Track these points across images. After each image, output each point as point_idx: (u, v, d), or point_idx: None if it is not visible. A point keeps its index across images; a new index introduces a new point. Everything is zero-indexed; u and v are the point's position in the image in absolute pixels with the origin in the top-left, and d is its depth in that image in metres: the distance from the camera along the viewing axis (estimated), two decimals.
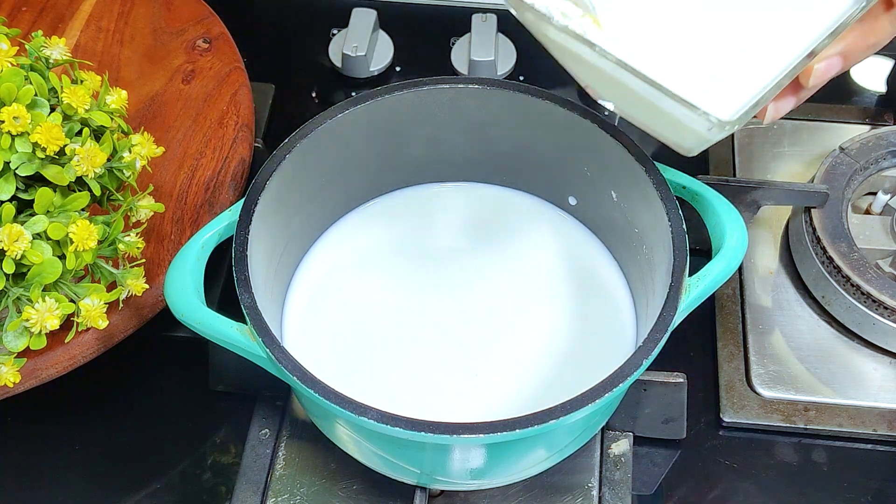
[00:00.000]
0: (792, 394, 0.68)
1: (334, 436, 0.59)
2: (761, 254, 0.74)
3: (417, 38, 0.87)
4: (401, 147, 0.66)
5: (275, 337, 0.53)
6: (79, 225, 0.54)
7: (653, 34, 0.49)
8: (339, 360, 0.62)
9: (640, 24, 0.49)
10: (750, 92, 0.47)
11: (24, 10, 0.80)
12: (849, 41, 0.49)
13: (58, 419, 0.67)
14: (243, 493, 0.62)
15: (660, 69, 0.47)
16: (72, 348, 0.61)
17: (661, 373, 0.62)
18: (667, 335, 0.53)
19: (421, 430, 0.50)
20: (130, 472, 0.65)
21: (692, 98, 0.46)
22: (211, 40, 0.78)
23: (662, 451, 0.66)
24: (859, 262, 0.68)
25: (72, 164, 0.55)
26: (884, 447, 0.66)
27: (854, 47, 0.50)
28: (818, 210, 0.70)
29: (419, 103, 0.63)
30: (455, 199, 0.69)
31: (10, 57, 0.56)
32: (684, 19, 0.50)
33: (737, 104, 0.47)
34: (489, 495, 0.62)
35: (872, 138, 0.74)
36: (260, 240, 0.58)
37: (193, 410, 0.68)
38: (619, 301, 0.64)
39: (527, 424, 0.50)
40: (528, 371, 0.61)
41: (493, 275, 0.65)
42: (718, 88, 0.47)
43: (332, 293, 0.65)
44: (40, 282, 0.55)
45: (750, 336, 0.70)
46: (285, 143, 0.60)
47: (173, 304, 0.55)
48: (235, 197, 0.69)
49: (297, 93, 0.84)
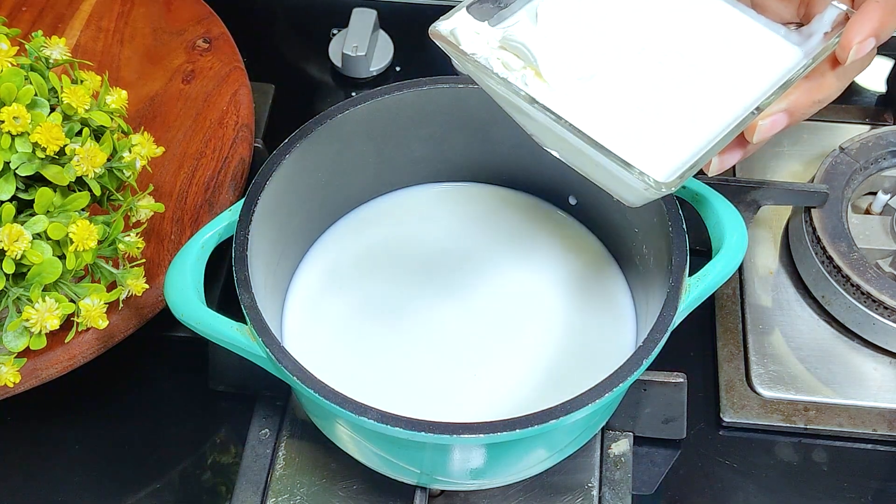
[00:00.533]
0: (792, 394, 0.68)
1: (334, 436, 0.59)
2: (761, 254, 0.74)
3: (417, 38, 0.86)
4: (401, 147, 0.66)
5: (275, 337, 0.53)
6: (79, 225, 0.54)
7: (594, 89, 0.49)
8: (339, 360, 0.62)
9: (582, 79, 0.49)
10: (688, 152, 0.47)
11: (24, 10, 0.80)
12: (794, 98, 0.49)
13: (58, 419, 0.67)
14: (243, 493, 0.62)
15: (599, 126, 0.47)
16: (72, 348, 0.61)
17: (661, 373, 0.62)
18: (667, 335, 0.53)
19: (421, 430, 0.50)
20: (130, 472, 0.65)
21: (629, 158, 0.46)
22: (211, 40, 0.78)
23: (662, 451, 0.66)
24: (859, 262, 0.68)
25: (72, 164, 0.55)
26: (884, 447, 0.66)
27: (800, 104, 0.50)
28: (818, 210, 0.70)
29: (419, 103, 0.63)
30: (455, 199, 0.69)
31: (10, 57, 0.56)
32: (626, 74, 0.49)
33: (673, 164, 0.46)
34: (489, 495, 0.62)
35: (872, 138, 0.74)
36: (260, 240, 0.58)
37: (193, 410, 0.68)
38: (619, 301, 0.64)
39: (527, 424, 0.50)
40: (527, 371, 0.61)
41: (493, 275, 0.65)
42: (658, 148, 0.47)
43: (331, 293, 0.65)
44: (40, 282, 0.55)
45: (750, 336, 0.70)
46: (285, 143, 0.60)
47: (173, 304, 0.55)
48: (235, 197, 0.69)
49: (297, 93, 0.84)
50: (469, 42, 0.49)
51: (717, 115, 0.48)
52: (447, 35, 0.49)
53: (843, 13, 0.50)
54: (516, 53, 0.49)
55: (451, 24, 0.49)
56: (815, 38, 0.51)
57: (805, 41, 0.51)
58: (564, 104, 0.48)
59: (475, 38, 0.49)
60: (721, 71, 0.50)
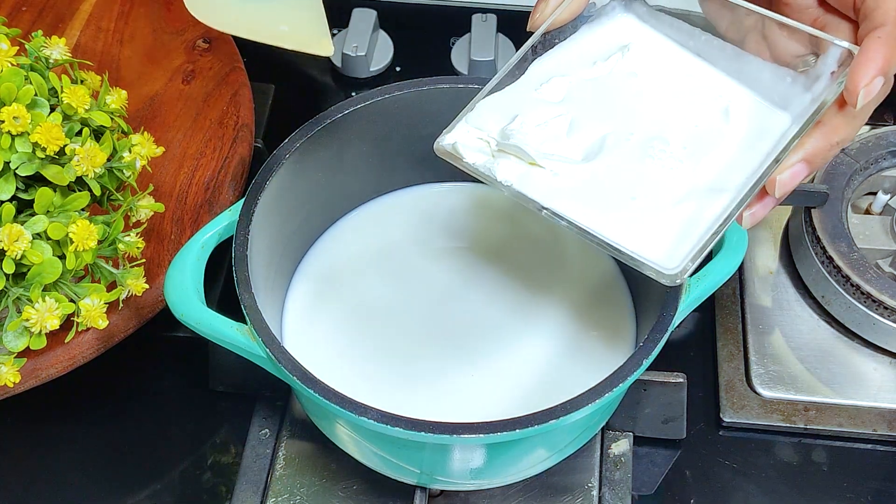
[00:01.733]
0: (792, 394, 0.68)
1: (334, 436, 0.59)
2: (761, 254, 0.74)
3: (417, 38, 0.87)
4: (401, 147, 0.66)
5: (275, 337, 0.53)
6: (79, 225, 0.54)
7: (598, 182, 0.49)
8: (339, 360, 0.62)
9: (586, 174, 0.50)
10: (696, 236, 0.47)
11: (24, 10, 0.80)
12: (811, 145, 0.48)
13: (58, 419, 0.67)
14: (243, 493, 0.62)
15: (607, 220, 0.48)
16: (72, 348, 0.61)
17: (661, 373, 0.62)
18: (667, 335, 0.53)
19: (421, 430, 0.50)
20: (130, 472, 0.65)
21: (642, 254, 0.47)
22: (211, 40, 0.78)
23: (662, 451, 0.66)
24: (859, 262, 0.68)
25: (72, 164, 0.55)
26: (884, 447, 0.66)
27: (818, 150, 0.48)
28: (818, 210, 0.70)
29: (419, 103, 0.63)
30: (455, 199, 0.69)
31: (10, 57, 0.56)
32: (623, 159, 0.50)
33: (684, 251, 0.47)
34: (489, 495, 0.62)
35: (872, 138, 0.74)
36: (260, 240, 0.58)
37: (193, 410, 0.68)
38: (619, 301, 0.64)
39: (527, 424, 0.50)
40: (527, 371, 0.61)
41: (493, 275, 0.65)
42: (669, 237, 0.47)
43: (331, 293, 0.65)
44: (40, 282, 0.55)
45: (750, 336, 0.70)
46: (285, 143, 0.60)
47: (173, 304, 0.55)
48: (235, 197, 0.69)
49: (297, 93, 0.84)
50: (471, 151, 0.50)
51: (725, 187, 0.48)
52: (450, 150, 0.51)
53: (847, 51, 0.48)
54: (515, 154, 0.50)
55: (453, 137, 0.51)
56: (823, 79, 0.49)
57: (813, 84, 0.50)
58: (570, 201, 0.48)
59: (477, 143, 0.51)
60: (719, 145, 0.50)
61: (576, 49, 0.54)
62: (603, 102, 0.52)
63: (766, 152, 0.49)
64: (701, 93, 0.52)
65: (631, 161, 0.50)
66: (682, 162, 0.49)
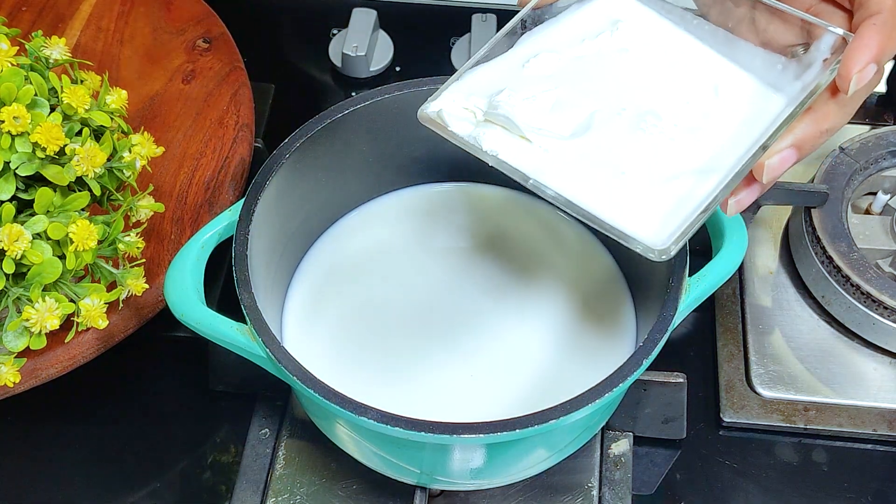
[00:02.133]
0: (792, 394, 0.68)
1: (334, 436, 0.59)
2: (761, 254, 0.74)
3: (417, 38, 0.87)
4: (401, 147, 0.66)
5: (275, 337, 0.53)
6: (79, 225, 0.54)
7: (582, 148, 0.49)
8: (339, 360, 0.62)
9: (571, 137, 0.49)
10: (684, 213, 0.46)
11: (24, 10, 0.80)
12: (801, 131, 0.48)
13: (58, 419, 0.67)
14: (243, 493, 0.62)
15: (593, 189, 0.47)
16: (72, 348, 0.61)
17: (661, 373, 0.62)
18: (667, 335, 0.53)
19: (421, 430, 0.50)
20: (130, 471, 0.65)
21: (630, 229, 0.46)
22: (211, 40, 0.78)
23: (662, 451, 0.66)
24: (859, 262, 0.68)
25: (72, 164, 0.55)
26: (884, 447, 0.66)
27: (807, 136, 0.48)
28: (818, 210, 0.70)
29: (419, 103, 0.63)
30: (455, 199, 0.69)
31: (10, 57, 0.56)
32: (613, 133, 0.49)
33: (671, 228, 0.46)
34: (489, 495, 0.62)
35: (872, 138, 0.74)
36: (260, 240, 0.58)
37: (193, 410, 0.68)
38: (619, 301, 0.64)
39: (527, 424, 0.50)
40: (527, 371, 0.61)
41: (493, 275, 0.65)
42: (657, 213, 0.47)
43: (331, 293, 0.65)
44: (40, 282, 0.55)
45: (750, 336, 0.70)
46: (285, 143, 0.60)
47: (173, 304, 0.55)
48: (235, 197, 0.69)
49: (297, 93, 0.84)
50: (457, 120, 0.49)
51: (714, 168, 0.48)
52: (435, 118, 0.49)
53: (841, 38, 0.48)
54: (503, 125, 0.49)
55: (438, 105, 0.49)
56: (815, 67, 0.49)
57: (804, 72, 0.49)
58: (559, 175, 0.48)
59: (463, 113, 0.49)
60: (711, 124, 0.49)
61: (566, 25, 0.53)
62: (593, 78, 0.51)
63: (759, 134, 0.48)
64: (693, 70, 0.51)
65: (621, 136, 0.49)
66: (674, 140, 0.49)
